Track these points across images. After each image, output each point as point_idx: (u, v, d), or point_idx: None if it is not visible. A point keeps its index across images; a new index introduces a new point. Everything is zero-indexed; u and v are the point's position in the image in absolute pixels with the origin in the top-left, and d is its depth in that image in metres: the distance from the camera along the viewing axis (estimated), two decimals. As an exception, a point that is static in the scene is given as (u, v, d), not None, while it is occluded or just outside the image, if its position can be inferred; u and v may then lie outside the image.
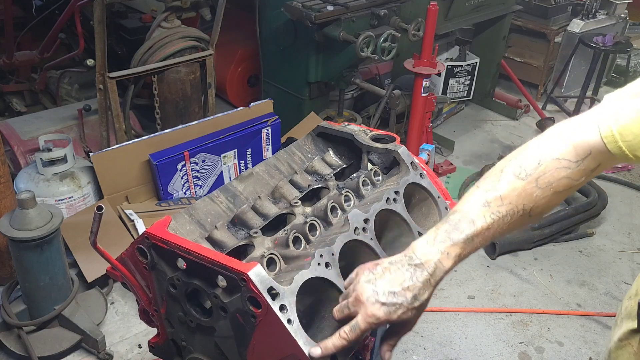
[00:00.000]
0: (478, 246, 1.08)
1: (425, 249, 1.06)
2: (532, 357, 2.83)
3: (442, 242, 1.06)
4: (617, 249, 3.59)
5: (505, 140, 4.82)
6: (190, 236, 1.32)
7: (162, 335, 1.40)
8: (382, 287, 1.04)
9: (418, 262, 1.05)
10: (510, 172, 1.08)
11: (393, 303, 1.03)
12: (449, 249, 1.05)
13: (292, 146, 1.64)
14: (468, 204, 1.08)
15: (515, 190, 1.06)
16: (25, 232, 2.34)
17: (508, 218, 1.06)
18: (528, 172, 1.06)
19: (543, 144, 1.09)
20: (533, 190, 1.06)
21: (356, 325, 1.03)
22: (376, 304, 1.03)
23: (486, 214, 1.06)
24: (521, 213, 1.07)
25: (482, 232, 1.06)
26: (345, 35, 3.48)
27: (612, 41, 4.64)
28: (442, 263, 1.05)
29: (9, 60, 4.14)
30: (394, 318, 1.04)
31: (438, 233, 1.07)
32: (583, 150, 1.05)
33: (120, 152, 3.16)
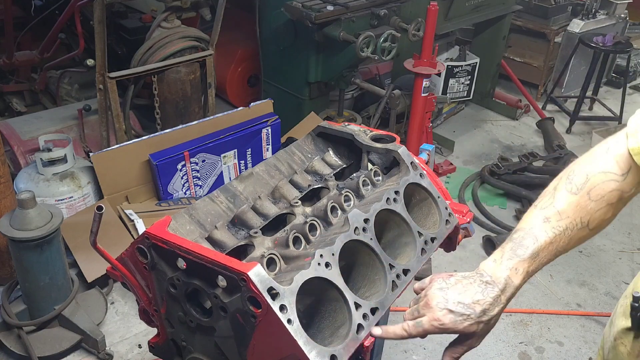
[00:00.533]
0: (544, 261, 1.11)
1: (494, 267, 1.09)
2: (532, 357, 2.83)
3: (510, 260, 1.09)
4: (617, 249, 3.59)
5: (505, 140, 4.82)
6: (190, 236, 1.32)
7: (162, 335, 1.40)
8: (453, 297, 1.07)
9: (488, 279, 1.08)
10: (563, 188, 1.13)
11: (461, 313, 1.06)
12: (517, 265, 1.09)
13: (292, 146, 1.64)
14: (529, 222, 1.13)
15: (570, 204, 1.11)
16: (25, 232, 2.34)
17: (568, 232, 1.11)
18: (579, 186, 1.12)
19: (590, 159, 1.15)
20: (587, 203, 1.11)
21: (420, 323, 1.07)
22: (444, 310, 1.06)
23: (547, 229, 1.10)
24: (580, 226, 1.11)
25: (546, 247, 1.10)
26: (345, 35, 3.48)
27: (612, 41, 4.64)
28: (511, 279, 1.08)
29: (9, 60, 4.14)
30: (459, 328, 1.06)
31: (504, 251, 1.10)
32: (625, 164, 1.11)
33: (120, 152, 3.16)
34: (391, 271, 1.29)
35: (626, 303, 1.25)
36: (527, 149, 4.61)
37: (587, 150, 1.19)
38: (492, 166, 4.05)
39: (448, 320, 1.05)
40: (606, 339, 1.36)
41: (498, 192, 4.02)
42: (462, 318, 1.05)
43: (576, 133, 4.99)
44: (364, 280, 1.31)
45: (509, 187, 3.94)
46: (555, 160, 4.24)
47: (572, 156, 4.21)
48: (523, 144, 4.79)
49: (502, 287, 1.08)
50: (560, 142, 4.48)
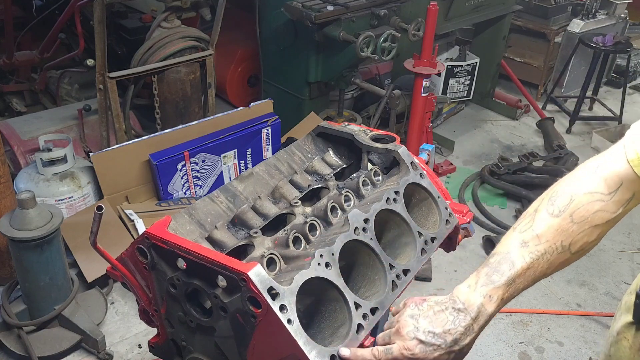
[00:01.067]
0: (520, 287, 1.08)
1: (467, 293, 1.06)
2: (532, 357, 2.83)
3: (484, 286, 1.06)
4: (617, 249, 3.59)
5: (505, 140, 4.82)
6: (190, 236, 1.32)
7: (162, 335, 1.40)
8: (424, 325, 1.04)
9: (461, 307, 1.05)
10: (544, 210, 1.09)
11: (431, 343, 1.03)
12: (491, 292, 1.05)
13: (292, 146, 1.64)
14: (506, 246, 1.09)
15: (551, 227, 1.07)
16: (25, 232, 2.34)
17: (547, 256, 1.07)
18: (561, 208, 1.07)
19: (574, 180, 1.11)
20: (569, 226, 1.07)
21: (390, 350, 1.04)
22: (414, 340, 1.04)
23: (525, 254, 1.07)
24: (560, 250, 1.08)
25: (522, 273, 1.07)
26: (345, 35, 3.48)
27: (612, 41, 4.64)
28: (485, 307, 1.05)
29: (9, 60, 4.14)
30: (429, 358, 1.04)
31: (479, 277, 1.07)
32: (614, 181, 1.06)
33: (120, 152, 3.16)
34: (391, 271, 1.29)
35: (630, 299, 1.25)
36: (527, 149, 4.61)
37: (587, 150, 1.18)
38: (492, 166, 4.05)
39: (418, 350, 1.03)
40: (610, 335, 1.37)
41: (498, 192, 4.02)
42: (432, 348, 1.03)
43: (576, 133, 5.00)
44: (364, 280, 1.31)
45: (509, 187, 3.94)
46: (555, 160, 4.24)
47: (572, 156, 4.21)
48: (523, 144, 4.79)
49: (475, 315, 1.04)
50: (560, 142, 4.48)
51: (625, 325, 1.26)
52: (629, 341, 1.25)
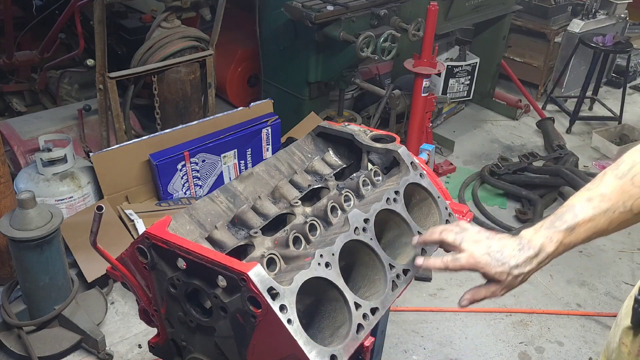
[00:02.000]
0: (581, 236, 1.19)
1: (532, 234, 1.19)
2: (532, 357, 2.83)
3: (547, 229, 1.19)
4: (617, 249, 3.59)
5: (505, 140, 4.82)
6: (190, 236, 1.32)
7: (162, 335, 1.40)
8: (495, 246, 1.19)
9: (525, 243, 1.18)
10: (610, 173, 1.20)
11: (497, 259, 1.17)
12: (552, 235, 1.18)
13: (292, 146, 1.64)
14: (573, 200, 1.21)
15: (614, 188, 1.17)
16: (25, 232, 2.34)
17: (609, 213, 1.17)
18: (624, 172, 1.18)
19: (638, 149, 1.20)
20: (630, 189, 1.16)
21: (458, 259, 1.19)
22: (484, 253, 1.18)
23: (588, 207, 1.17)
24: (622, 209, 1.17)
25: (584, 223, 1.17)
26: (345, 35, 3.48)
27: (612, 41, 4.64)
28: (545, 247, 1.17)
29: (9, 60, 4.14)
30: (491, 271, 1.18)
31: (544, 222, 1.20)
32: None
33: (120, 152, 3.16)
34: (391, 271, 1.29)
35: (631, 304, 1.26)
36: (527, 149, 4.61)
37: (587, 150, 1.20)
38: (492, 166, 4.05)
39: (484, 260, 1.17)
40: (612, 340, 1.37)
41: (498, 192, 4.02)
42: (496, 262, 1.17)
43: (576, 133, 4.99)
44: (364, 280, 1.31)
45: (509, 187, 3.94)
46: (555, 160, 4.24)
47: (572, 156, 4.21)
48: (523, 144, 4.79)
49: (536, 251, 1.17)
50: (560, 142, 4.48)
51: (624, 330, 1.28)
52: (628, 347, 1.26)
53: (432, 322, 2.96)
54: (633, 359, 1.24)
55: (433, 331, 2.91)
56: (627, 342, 1.27)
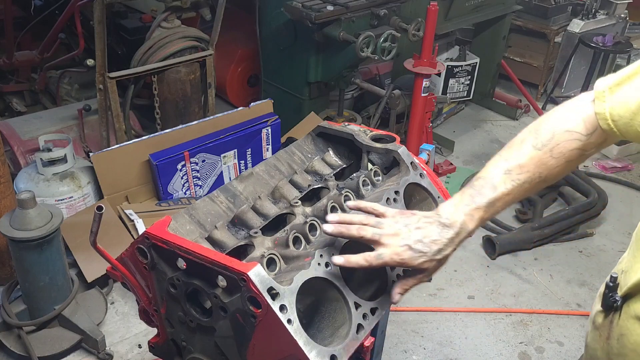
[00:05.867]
0: (498, 210, 1.19)
1: (452, 211, 1.16)
2: (532, 357, 2.83)
3: (467, 205, 1.16)
4: (617, 249, 3.59)
5: (505, 140, 4.79)
6: (190, 236, 1.32)
7: (162, 335, 1.40)
8: (415, 235, 1.14)
9: (446, 222, 1.15)
10: (529, 143, 1.19)
11: (419, 250, 1.13)
12: (473, 212, 1.16)
13: (292, 146, 1.64)
14: (491, 171, 1.19)
15: (532, 159, 1.17)
16: (25, 232, 2.34)
17: (526, 185, 1.17)
18: (544, 142, 1.17)
19: (557, 117, 1.20)
20: (548, 160, 1.16)
21: (381, 256, 1.13)
22: (405, 246, 1.13)
23: (507, 180, 1.17)
24: (537, 180, 1.18)
25: (502, 197, 1.17)
26: (345, 35, 3.48)
27: (612, 41, 4.64)
28: (466, 224, 1.16)
29: (9, 60, 4.14)
30: (414, 263, 1.14)
31: (463, 197, 1.18)
32: (592, 124, 1.15)
33: (120, 152, 3.16)
34: (392, 271, 1.29)
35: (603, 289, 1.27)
36: (527, 149, 4.61)
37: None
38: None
39: (407, 255, 1.13)
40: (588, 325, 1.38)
41: (498, 192, 4.02)
42: (419, 255, 1.13)
43: (576, 133, 4.99)
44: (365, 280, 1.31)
45: (509, 187, 3.94)
46: (555, 160, 4.23)
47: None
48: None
49: (458, 230, 1.15)
50: (560, 142, 4.48)
51: (596, 313, 1.29)
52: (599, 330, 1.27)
53: (432, 322, 2.96)
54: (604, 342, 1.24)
55: (433, 331, 2.91)
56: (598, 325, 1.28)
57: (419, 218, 1.16)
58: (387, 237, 1.14)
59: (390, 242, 1.13)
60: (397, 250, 1.13)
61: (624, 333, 1.16)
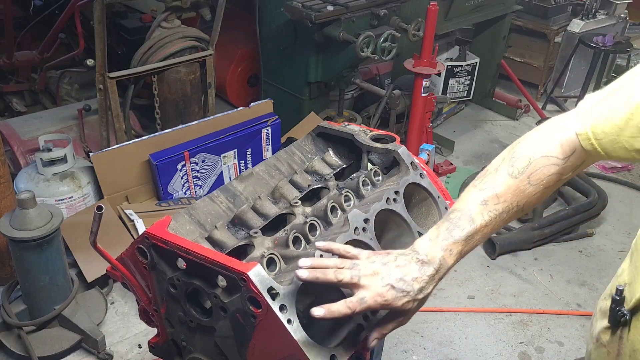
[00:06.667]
0: (477, 243, 1.13)
1: (429, 246, 1.10)
2: (532, 357, 2.83)
3: (445, 240, 1.10)
4: (617, 249, 3.59)
5: (505, 140, 4.81)
6: (190, 236, 1.32)
7: (162, 335, 1.40)
8: (396, 273, 1.07)
9: (424, 259, 1.09)
10: (504, 171, 1.14)
11: (402, 289, 1.06)
12: (451, 247, 1.10)
13: (292, 146, 1.64)
14: (466, 203, 1.13)
15: (509, 188, 1.12)
16: (25, 232, 2.34)
17: (504, 215, 1.12)
18: (520, 170, 1.12)
19: (533, 142, 1.15)
20: (526, 188, 1.12)
21: (364, 300, 1.05)
22: (387, 286, 1.06)
23: (484, 212, 1.11)
24: (515, 209, 1.13)
25: (481, 230, 1.11)
26: (345, 35, 3.48)
27: (612, 41, 4.64)
28: (445, 260, 1.10)
29: (9, 60, 4.14)
30: (398, 304, 1.07)
31: (440, 231, 1.11)
32: (569, 147, 1.11)
33: (120, 152, 3.16)
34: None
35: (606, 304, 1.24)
36: (527, 149, 4.60)
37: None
38: (491, 166, 4.04)
39: (390, 296, 1.06)
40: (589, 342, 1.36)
41: (498, 192, 4.02)
42: (402, 294, 1.06)
43: (576, 133, 4.99)
44: (364, 280, 1.31)
45: (509, 187, 3.94)
46: (555, 160, 4.23)
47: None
48: (520, 143, 4.78)
49: (437, 266, 1.09)
50: (560, 142, 4.48)
51: (602, 330, 1.25)
52: (607, 347, 1.24)
53: (432, 322, 2.96)
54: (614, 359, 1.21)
55: (433, 331, 2.91)
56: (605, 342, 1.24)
57: (395, 256, 1.10)
58: (367, 278, 1.06)
59: (370, 283, 1.06)
60: (379, 291, 1.05)
61: (636, 348, 1.13)
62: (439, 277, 1.10)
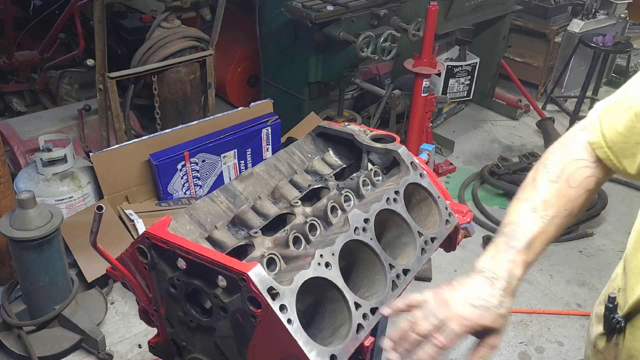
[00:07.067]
0: (538, 251, 1.11)
1: (492, 263, 1.08)
2: (532, 357, 2.83)
3: (506, 252, 1.08)
4: (617, 249, 3.59)
5: (505, 140, 4.82)
6: (190, 236, 1.32)
7: (162, 335, 1.39)
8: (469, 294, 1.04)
9: (491, 275, 1.06)
10: (543, 178, 1.14)
11: (484, 306, 1.03)
12: (515, 257, 1.08)
13: (292, 146, 1.64)
14: (517, 215, 1.12)
15: (553, 193, 1.12)
16: (25, 232, 2.34)
17: (557, 220, 1.11)
18: (557, 174, 1.13)
19: (561, 148, 1.17)
20: (568, 190, 1.12)
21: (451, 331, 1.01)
22: (467, 305, 1.03)
23: (536, 219, 1.10)
24: (565, 213, 1.12)
25: (538, 237, 1.10)
26: (345, 35, 3.48)
27: (612, 41, 4.64)
28: (512, 272, 1.07)
29: (9, 60, 4.14)
30: (484, 323, 1.04)
31: (499, 247, 1.09)
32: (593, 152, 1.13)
33: (120, 152, 3.16)
34: (391, 271, 1.29)
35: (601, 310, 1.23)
36: (527, 149, 4.61)
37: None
38: (492, 166, 4.05)
39: (475, 315, 1.02)
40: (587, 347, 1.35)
41: (498, 192, 4.02)
42: (485, 310, 1.03)
43: (576, 133, 4.99)
44: (364, 280, 1.31)
45: (509, 187, 3.94)
46: (555, 160, 4.23)
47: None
48: (523, 144, 4.79)
49: (507, 279, 1.06)
50: (560, 142, 4.48)
51: (598, 336, 1.25)
52: (603, 354, 1.23)
53: (432, 322, 2.96)
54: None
55: (433, 331, 2.91)
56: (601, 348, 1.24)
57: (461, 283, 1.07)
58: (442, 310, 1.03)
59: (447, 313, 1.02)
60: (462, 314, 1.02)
61: (633, 355, 1.12)
62: (513, 290, 1.07)
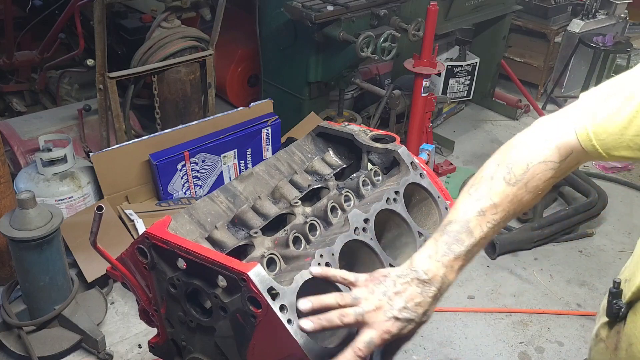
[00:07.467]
0: (475, 254, 1.11)
1: (429, 264, 1.06)
2: (532, 357, 2.83)
3: (445, 256, 1.06)
4: (617, 249, 3.59)
5: (505, 141, 4.78)
6: (190, 236, 1.32)
7: (162, 335, 1.40)
8: (397, 303, 1.03)
9: (425, 278, 1.05)
10: (500, 178, 1.10)
11: (406, 319, 1.03)
12: (452, 263, 1.07)
13: (292, 146, 1.64)
14: (463, 213, 1.09)
15: (507, 197, 1.09)
16: (25, 232, 2.34)
17: (501, 224, 1.10)
18: (518, 177, 1.09)
19: (529, 146, 1.12)
20: (523, 195, 1.09)
21: (372, 342, 1.01)
22: (391, 319, 1.02)
23: (482, 223, 1.08)
24: (510, 217, 1.11)
25: (480, 242, 1.08)
26: (345, 35, 3.48)
27: (612, 41, 4.64)
28: (447, 277, 1.06)
29: (9, 60, 4.14)
30: (404, 333, 1.04)
31: (439, 246, 1.07)
32: (565, 150, 1.09)
33: (120, 152, 3.16)
34: None
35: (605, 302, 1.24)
36: (527, 149, 4.61)
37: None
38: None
39: (395, 329, 1.02)
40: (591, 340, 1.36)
41: (498, 192, 4.02)
42: (406, 323, 1.03)
43: (576, 133, 4.99)
44: (364, 280, 1.31)
45: (509, 187, 3.94)
46: (555, 160, 4.23)
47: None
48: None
49: (439, 285, 1.05)
50: (560, 142, 4.47)
51: (601, 325, 1.26)
52: (605, 342, 1.24)
53: (432, 322, 2.96)
54: (611, 353, 1.21)
55: (433, 331, 2.91)
56: (604, 337, 1.24)
57: (394, 280, 1.05)
58: (370, 314, 1.02)
59: (374, 319, 1.02)
60: (385, 328, 1.01)
61: (632, 342, 1.13)
62: (441, 295, 1.07)
